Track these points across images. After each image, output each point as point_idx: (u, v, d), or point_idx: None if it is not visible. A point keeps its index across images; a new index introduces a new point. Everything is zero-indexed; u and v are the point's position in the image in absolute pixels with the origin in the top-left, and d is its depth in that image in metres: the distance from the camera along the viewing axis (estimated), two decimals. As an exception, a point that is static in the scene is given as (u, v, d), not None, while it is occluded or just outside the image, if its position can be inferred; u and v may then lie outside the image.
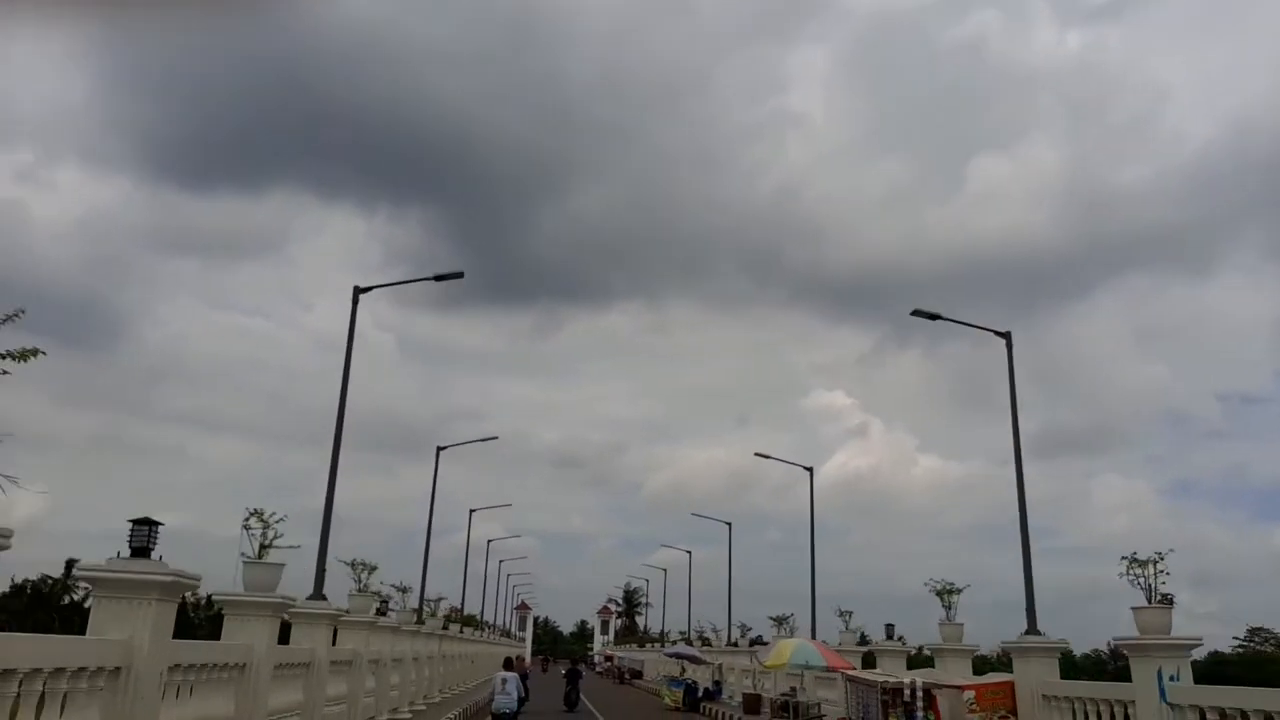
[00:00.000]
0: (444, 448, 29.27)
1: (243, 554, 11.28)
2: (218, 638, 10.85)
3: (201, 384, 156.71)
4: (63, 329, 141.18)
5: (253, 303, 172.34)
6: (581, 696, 36.43)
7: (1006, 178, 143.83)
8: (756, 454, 36.64)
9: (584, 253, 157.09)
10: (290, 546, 9.27)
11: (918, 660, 23.97)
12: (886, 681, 17.39)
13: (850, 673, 20.06)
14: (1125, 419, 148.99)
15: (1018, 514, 17.67)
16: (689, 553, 60.56)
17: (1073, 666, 50.22)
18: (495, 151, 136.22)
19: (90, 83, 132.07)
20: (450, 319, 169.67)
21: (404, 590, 24.47)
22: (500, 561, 70.13)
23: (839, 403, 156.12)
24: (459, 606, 45.52)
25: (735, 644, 41.57)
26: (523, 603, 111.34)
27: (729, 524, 48.04)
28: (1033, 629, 16.15)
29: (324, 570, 12.72)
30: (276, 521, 10.94)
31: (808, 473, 30.93)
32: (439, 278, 17.50)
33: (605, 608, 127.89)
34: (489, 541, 59.67)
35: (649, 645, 77.98)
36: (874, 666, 21.86)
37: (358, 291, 15.95)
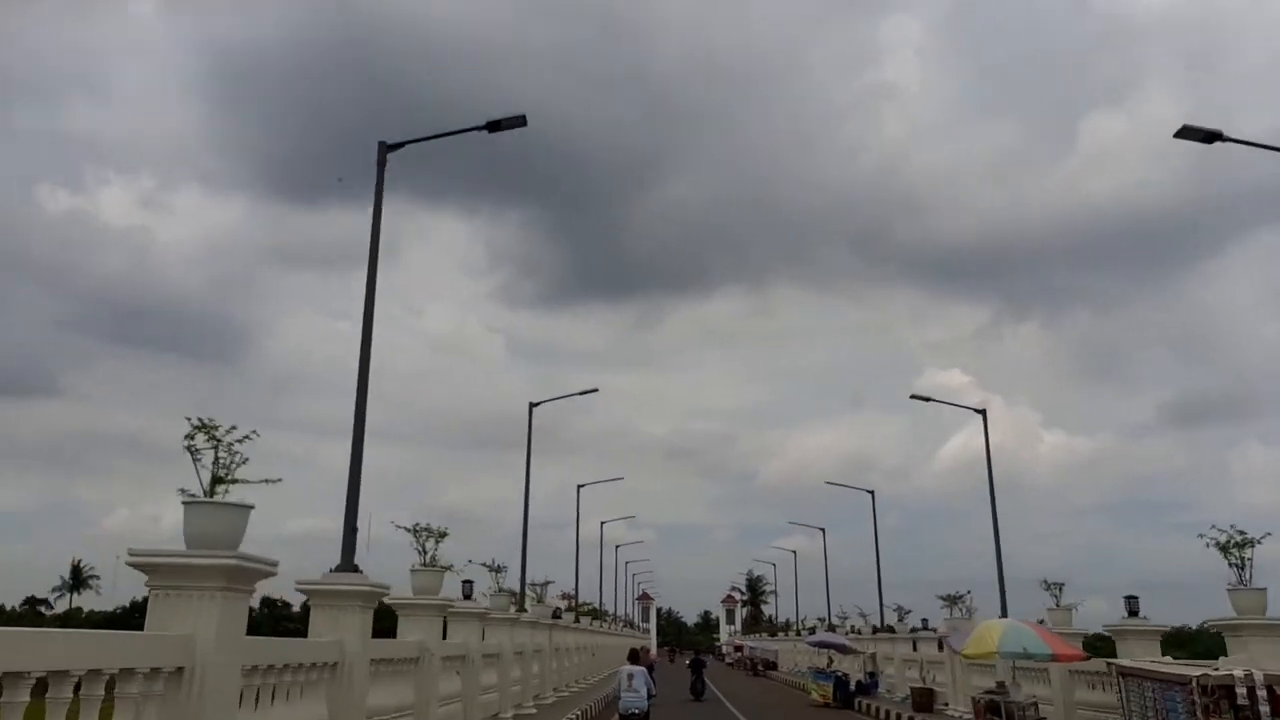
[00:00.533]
0: (537, 404, 27.77)
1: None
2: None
3: (323, 392, 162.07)
4: (192, 345, 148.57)
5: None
6: (709, 685, 37.22)
7: (1121, 135, 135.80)
8: (913, 396, 32.93)
9: (684, 242, 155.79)
10: (269, 480, 7.56)
11: (1173, 641, 20.85)
12: (1206, 676, 12.01)
13: (1132, 665, 14.38)
14: (1267, 383, 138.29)
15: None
16: (822, 530, 55.97)
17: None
18: (591, 147, 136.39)
19: (202, 109, 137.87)
20: (556, 317, 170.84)
21: (497, 570, 19.81)
22: (617, 547, 69.17)
23: (956, 381, 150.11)
24: (573, 594, 43.07)
25: (891, 629, 35.47)
26: (644, 593, 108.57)
27: (871, 492, 42.68)
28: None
29: (354, 532, 10.92)
30: (237, 441, 7.52)
31: (980, 415, 27.66)
32: (493, 127, 15.24)
33: (729, 596, 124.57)
34: (602, 523, 57.78)
35: (780, 634, 73.01)
36: (1113, 653, 18.13)
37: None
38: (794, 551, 70.11)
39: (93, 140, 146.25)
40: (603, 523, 57.97)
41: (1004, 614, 23.40)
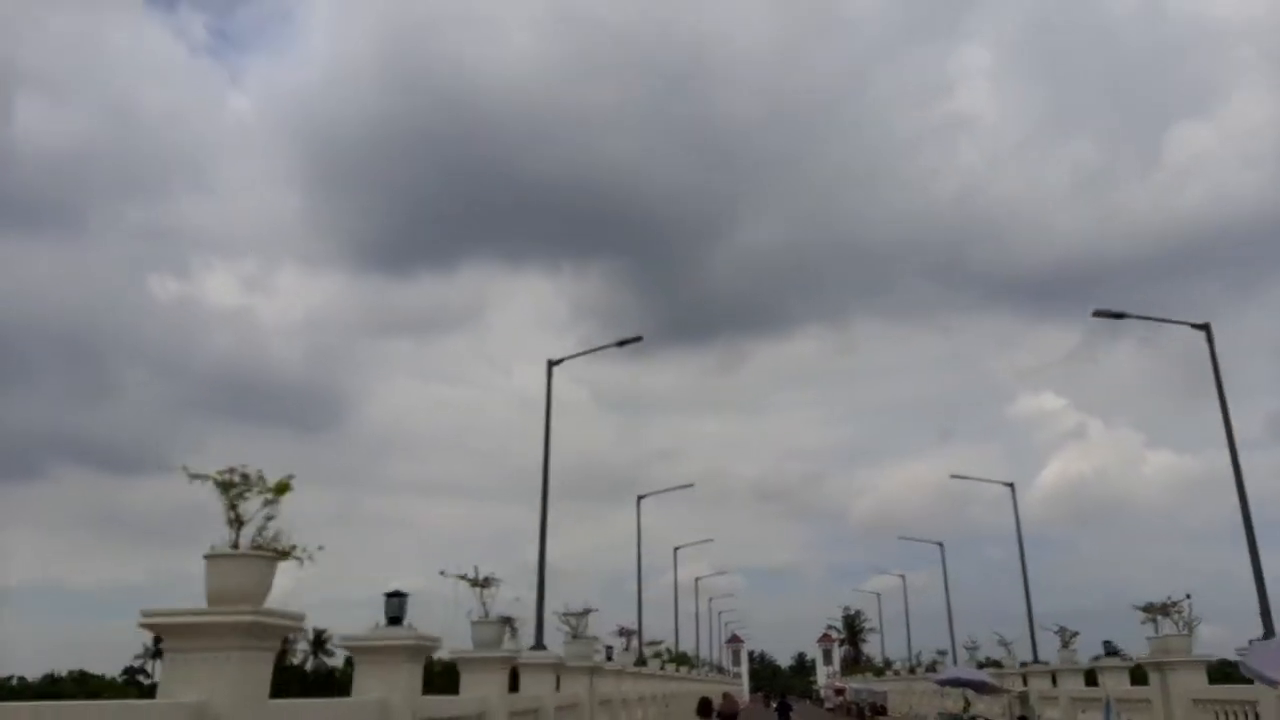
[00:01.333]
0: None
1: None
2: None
3: (419, 454, 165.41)
4: (297, 417, 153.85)
5: (458, 372, 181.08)
6: None
7: (1211, 145, 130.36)
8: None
9: (762, 283, 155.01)
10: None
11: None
12: None
13: None
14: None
15: (1247, 510, 16.85)
16: (902, 576, 57.53)
17: None
18: (666, 199, 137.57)
19: (299, 191, 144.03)
20: (639, 365, 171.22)
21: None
22: (710, 599, 68.68)
23: (1049, 405, 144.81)
24: (632, 629, 39.94)
25: (1042, 662, 29.42)
26: (734, 635, 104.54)
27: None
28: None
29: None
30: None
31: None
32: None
33: (825, 635, 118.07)
34: (697, 580, 58.47)
35: (886, 673, 65.91)
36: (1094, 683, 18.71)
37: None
38: (878, 594, 68.60)
39: (198, 230, 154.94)
40: (697, 579, 58.07)
41: (1035, 658, 26.46)
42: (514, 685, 15.02)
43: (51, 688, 74.12)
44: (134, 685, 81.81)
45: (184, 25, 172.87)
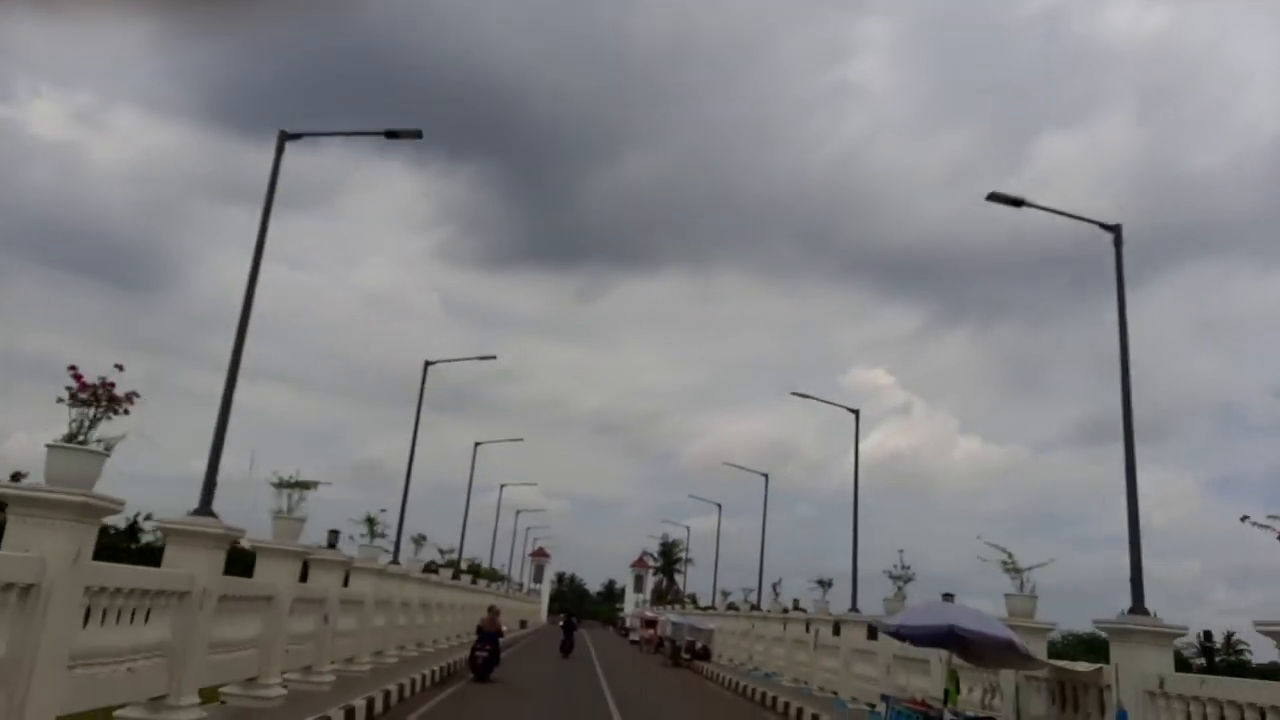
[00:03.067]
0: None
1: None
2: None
3: (251, 334, 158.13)
4: (115, 271, 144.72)
5: (300, 255, 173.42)
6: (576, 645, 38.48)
7: (1071, 159, 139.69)
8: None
9: (634, 216, 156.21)
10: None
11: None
12: None
13: None
14: (1174, 411, 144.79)
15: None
16: (719, 505, 54.28)
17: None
18: (553, 111, 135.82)
19: (150, 28, 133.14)
20: (497, 279, 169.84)
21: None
22: (518, 513, 69.56)
23: (881, 380, 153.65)
24: (454, 550, 40.91)
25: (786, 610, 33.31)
26: (540, 549, 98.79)
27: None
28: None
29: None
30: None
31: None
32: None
33: (640, 560, 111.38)
34: (502, 486, 58.87)
35: (709, 609, 53.64)
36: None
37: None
38: (687, 527, 71.20)
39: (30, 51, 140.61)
40: (502, 485, 59.04)
41: (853, 607, 23.87)
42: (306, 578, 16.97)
43: None
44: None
45: None
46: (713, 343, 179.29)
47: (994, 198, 16.37)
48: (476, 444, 44.42)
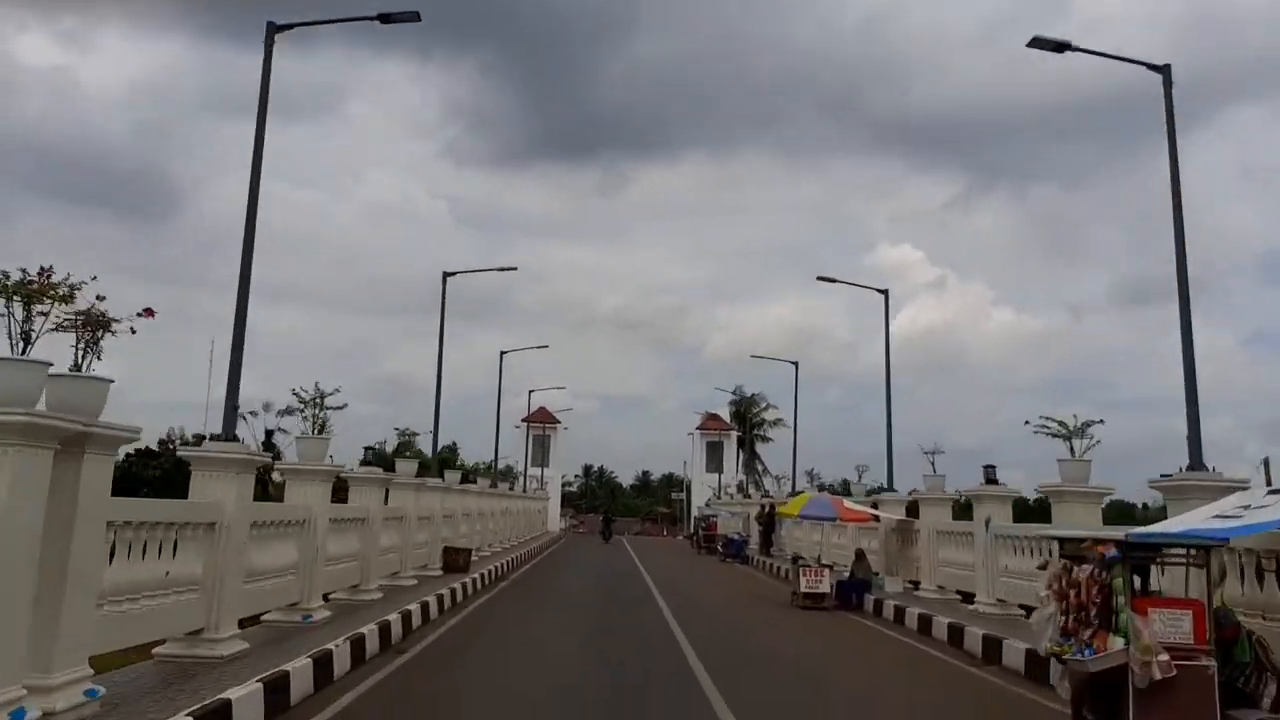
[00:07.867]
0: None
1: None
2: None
3: (260, 255, 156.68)
4: (122, 200, 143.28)
5: (304, 170, 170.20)
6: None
7: (1114, 6, 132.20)
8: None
9: (651, 102, 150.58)
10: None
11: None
12: None
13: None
14: (1213, 263, 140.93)
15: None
16: (795, 364, 42.55)
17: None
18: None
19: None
20: (508, 178, 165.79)
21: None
22: (530, 392, 59.93)
23: (907, 257, 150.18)
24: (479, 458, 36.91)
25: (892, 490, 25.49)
26: (541, 410, 65.14)
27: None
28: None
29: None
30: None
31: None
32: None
33: (712, 419, 72.70)
34: (530, 392, 57.92)
35: (799, 493, 34.27)
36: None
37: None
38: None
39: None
40: (530, 391, 58.54)
41: (890, 485, 25.97)
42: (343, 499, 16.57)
43: None
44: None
45: None
46: (735, 231, 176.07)
47: (1036, 42, 15.63)
48: (503, 353, 44.04)
